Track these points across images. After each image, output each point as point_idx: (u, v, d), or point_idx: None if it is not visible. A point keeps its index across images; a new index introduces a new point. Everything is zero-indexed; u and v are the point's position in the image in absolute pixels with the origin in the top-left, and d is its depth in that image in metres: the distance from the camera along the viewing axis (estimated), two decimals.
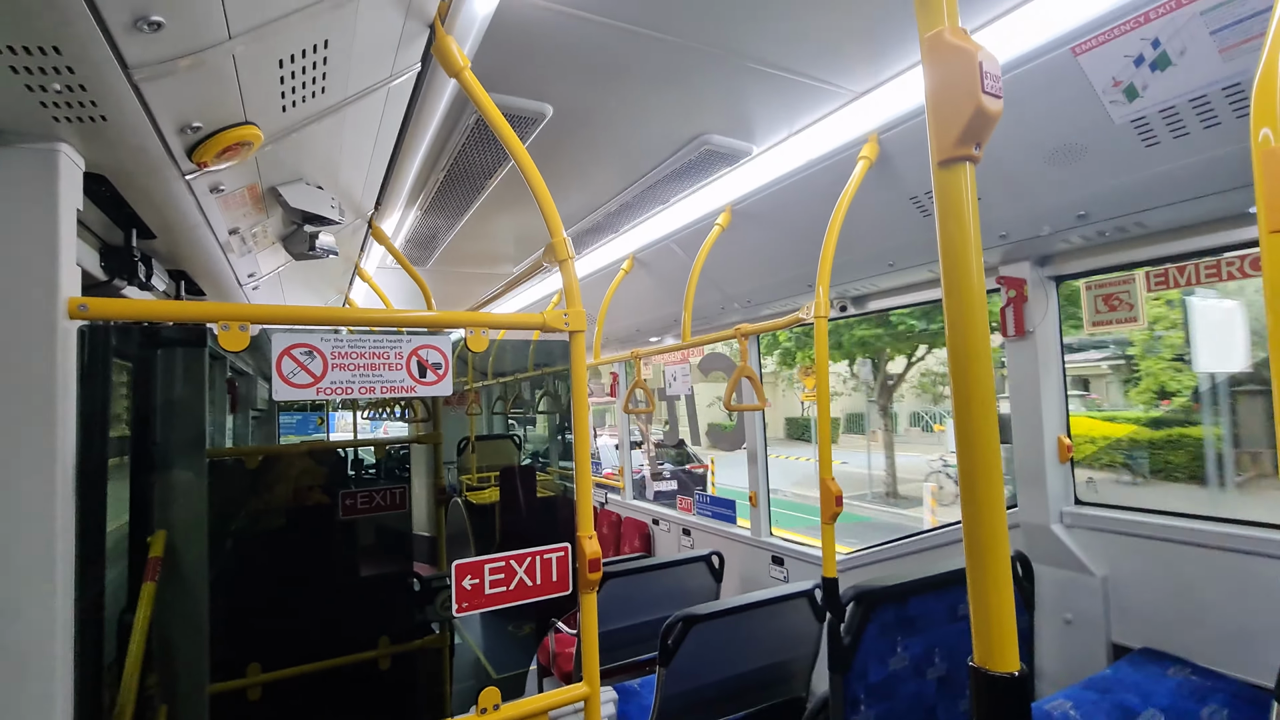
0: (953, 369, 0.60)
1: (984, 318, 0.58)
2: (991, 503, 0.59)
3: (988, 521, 0.59)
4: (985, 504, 0.59)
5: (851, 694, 1.68)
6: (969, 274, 0.59)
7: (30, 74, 0.79)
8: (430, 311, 1.88)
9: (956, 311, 0.59)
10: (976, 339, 0.58)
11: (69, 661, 0.94)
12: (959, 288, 0.59)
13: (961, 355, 0.59)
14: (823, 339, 2.05)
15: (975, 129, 0.58)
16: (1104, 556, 2.15)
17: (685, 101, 1.94)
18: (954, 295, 0.59)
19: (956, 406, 0.60)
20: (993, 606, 0.60)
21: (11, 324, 0.92)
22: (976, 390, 0.59)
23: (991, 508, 0.59)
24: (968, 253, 0.59)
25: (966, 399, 0.59)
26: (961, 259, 0.59)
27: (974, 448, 0.59)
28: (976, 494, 0.59)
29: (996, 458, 0.59)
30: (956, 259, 0.59)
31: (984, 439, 0.59)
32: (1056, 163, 1.82)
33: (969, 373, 0.59)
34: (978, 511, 0.59)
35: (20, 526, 0.90)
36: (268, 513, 2.77)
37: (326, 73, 1.16)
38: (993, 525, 0.59)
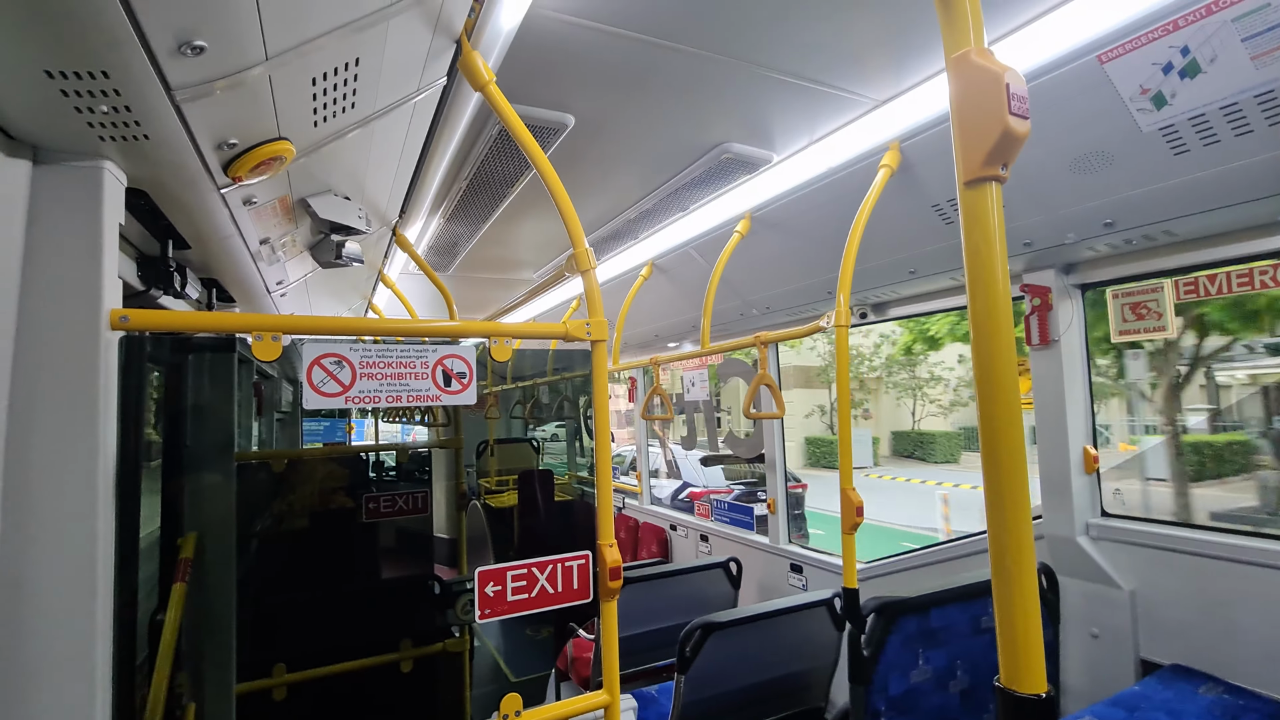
0: (979, 383, 0.60)
1: (1010, 333, 0.58)
2: (1018, 518, 0.59)
3: (1014, 538, 0.59)
4: (1011, 519, 0.59)
5: (872, 706, 1.67)
6: (995, 291, 0.59)
7: (79, 97, 0.82)
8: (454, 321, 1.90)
9: (982, 327, 0.59)
10: (1002, 355, 0.58)
11: (108, 662, 0.97)
12: (985, 304, 0.59)
13: (987, 371, 0.59)
14: (844, 347, 2.04)
15: (1002, 150, 0.58)
16: (1131, 570, 2.11)
17: (705, 110, 1.95)
18: (980, 311, 0.59)
19: (982, 420, 0.60)
20: (1019, 625, 0.59)
21: (58, 335, 0.95)
22: (1002, 406, 0.59)
23: (1018, 523, 0.59)
24: (994, 271, 0.59)
25: (992, 414, 0.59)
26: (988, 277, 0.59)
27: (999, 462, 0.59)
28: (1003, 509, 0.59)
29: (1023, 472, 0.59)
30: (983, 277, 0.59)
31: (1009, 454, 0.59)
32: (1082, 170, 1.79)
33: (994, 388, 0.59)
34: (1004, 527, 0.59)
35: (65, 533, 0.93)
36: (293, 515, 2.82)
37: (357, 89, 1.19)
38: (1019, 542, 0.59)
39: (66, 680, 0.92)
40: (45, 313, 0.94)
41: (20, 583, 0.90)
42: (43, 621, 0.91)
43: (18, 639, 0.90)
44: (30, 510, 0.92)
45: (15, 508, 0.91)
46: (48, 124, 0.89)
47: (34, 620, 0.91)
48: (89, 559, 0.94)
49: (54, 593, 0.92)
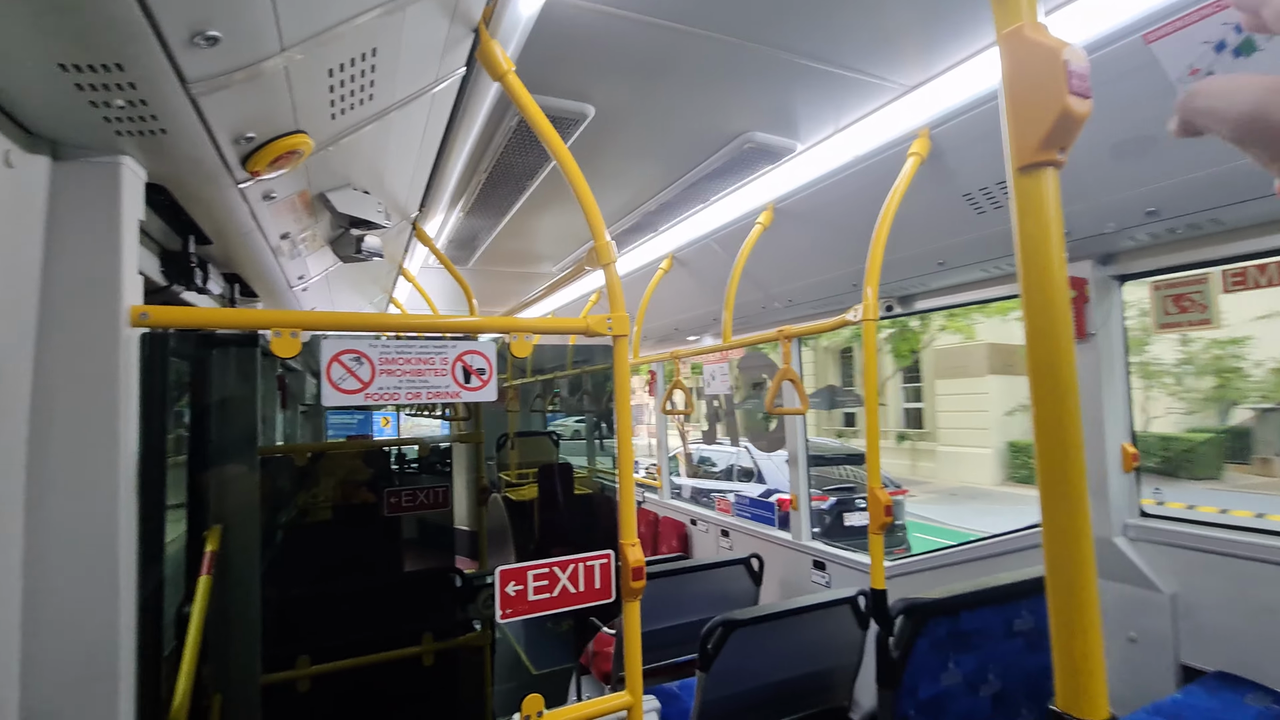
0: (1033, 381, 0.55)
1: (1068, 328, 0.54)
2: (1076, 526, 0.55)
3: (1072, 547, 0.55)
4: (1069, 527, 0.55)
5: (901, 710, 1.62)
6: (1052, 284, 0.55)
7: (95, 90, 0.81)
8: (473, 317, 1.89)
9: (1038, 322, 0.55)
10: (1060, 352, 0.54)
11: (132, 657, 0.97)
12: (1041, 298, 0.55)
13: (1043, 369, 0.55)
14: (871, 341, 1.98)
15: (1061, 132, 0.54)
16: (1172, 572, 2.03)
17: (728, 99, 1.90)
18: (1035, 306, 0.55)
19: (1037, 421, 0.56)
20: (1079, 643, 0.55)
21: (78, 332, 0.95)
22: (1061, 406, 0.54)
23: (1077, 530, 0.55)
24: (1050, 263, 0.55)
25: (1049, 414, 0.55)
26: (1043, 269, 0.55)
27: (1057, 465, 0.54)
28: (1059, 515, 0.55)
29: (1081, 477, 0.55)
30: (1038, 269, 0.55)
31: (1068, 456, 0.54)
32: (1124, 156, 1.71)
33: (1052, 387, 0.54)
34: (1061, 536, 0.55)
35: (87, 529, 0.93)
36: (316, 508, 2.85)
37: (374, 80, 1.17)
38: (1079, 551, 0.55)
39: (91, 675, 0.92)
40: (66, 309, 0.94)
41: (44, 579, 0.90)
42: (66, 617, 0.91)
43: (42, 634, 0.90)
44: (52, 507, 0.92)
45: (37, 504, 0.91)
46: (65, 119, 0.88)
47: (57, 616, 0.91)
48: (110, 555, 0.94)
49: (76, 589, 0.92)
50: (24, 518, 0.90)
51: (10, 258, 0.87)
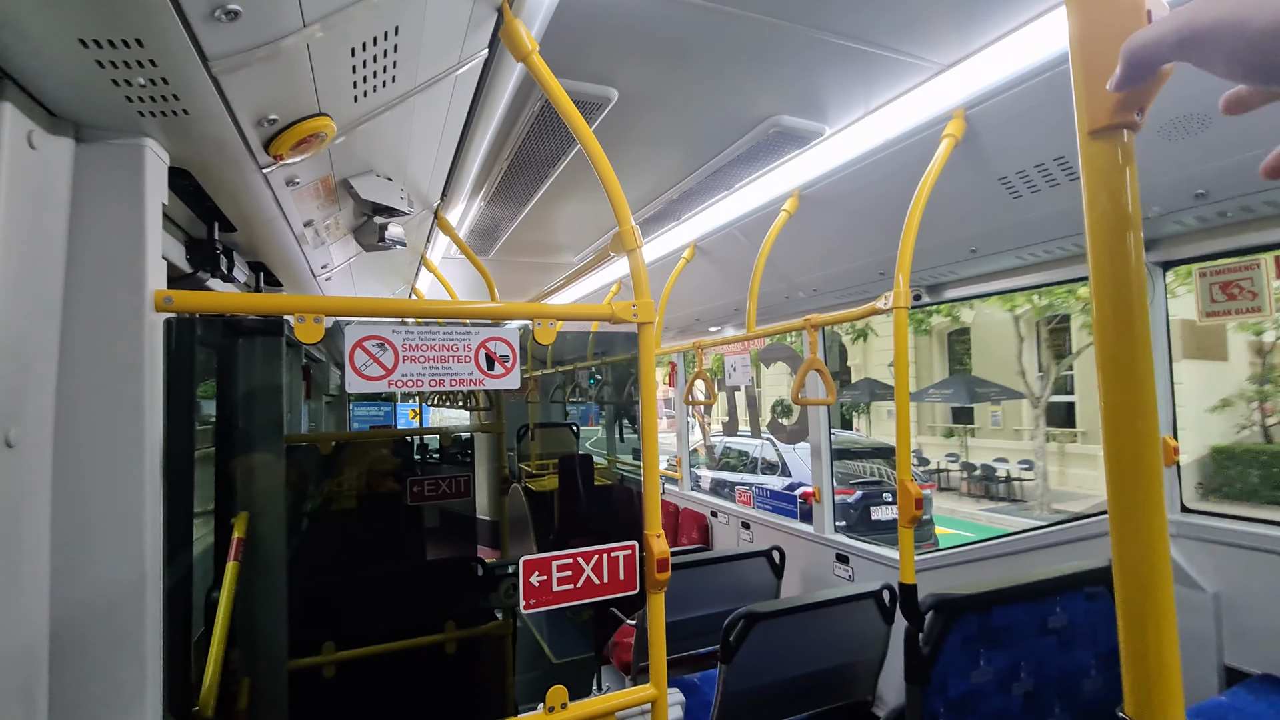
0: (1102, 372, 0.51)
1: (1144, 313, 0.50)
2: (1152, 520, 0.51)
3: (1146, 543, 0.50)
4: (1144, 521, 0.51)
5: (930, 708, 1.58)
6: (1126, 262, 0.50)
7: (115, 68, 0.80)
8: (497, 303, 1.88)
9: (1108, 305, 0.51)
10: (1135, 340, 0.50)
11: (159, 643, 0.97)
12: (1113, 278, 0.50)
13: (1114, 359, 0.51)
14: (902, 330, 1.93)
15: (1142, 90, 0.49)
16: (1215, 571, 1.95)
17: (755, 81, 1.85)
18: (1106, 283, 0.51)
19: (1106, 412, 0.51)
20: (1152, 645, 0.51)
21: (102, 317, 0.94)
22: (1135, 397, 0.50)
23: (1151, 527, 0.51)
24: (1125, 239, 0.50)
25: (1120, 405, 0.51)
26: (1118, 246, 0.50)
27: (1131, 459, 0.50)
28: (1134, 510, 0.51)
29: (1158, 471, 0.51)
30: (1111, 245, 0.50)
31: (1143, 449, 0.50)
32: (1172, 136, 1.63)
33: (1126, 379, 0.50)
34: (1134, 531, 0.51)
35: (113, 515, 0.93)
36: (340, 496, 2.87)
37: (397, 60, 1.15)
38: (1153, 548, 0.50)
39: (119, 661, 0.92)
40: (90, 293, 0.93)
41: (71, 563, 0.91)
42: (94, 603, 0.91)
43: (71, 621, 0.90)
44: (79, 492, 0.92)
45: (65, 490, 0.91)
46: (87, 99, 0.87)
47: (86, 602, 0.91)
48: (137, 540, 0.94)
49: (103, 575, 0.92)
50: (51, 502, 0.90)
51: (35, 240, 0.87)
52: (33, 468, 0.87)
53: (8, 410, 0.81)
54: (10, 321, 0.82)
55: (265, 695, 1.98)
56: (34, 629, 0.87)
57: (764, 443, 10.34)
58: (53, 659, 0.88)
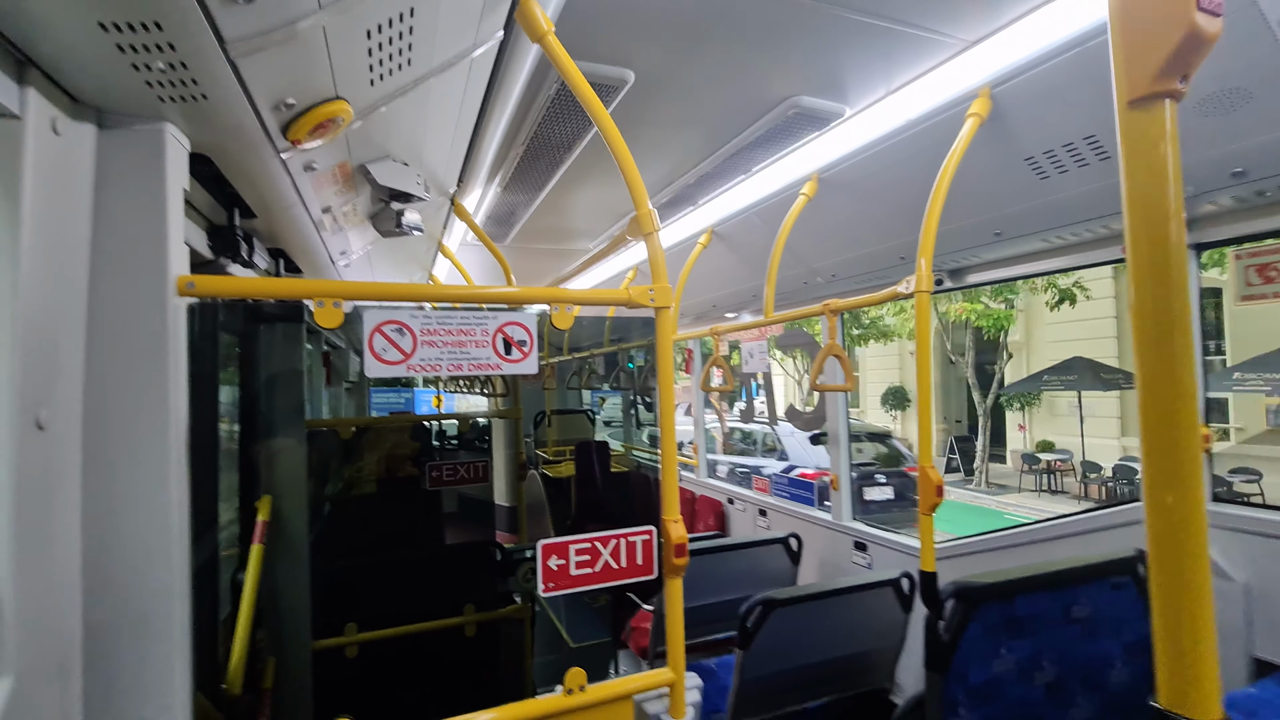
0: (1139, 350, 0.49)
1: (1184, 291, 0.48)
2: (1189, 508, 0.49)
3: (1183, 532, 0.49)
4: (1180, 511, 0.49)
5: (950, 696, 1.57)
6: (1166, 237, 0.48)
7: (135, 52, 0.80)
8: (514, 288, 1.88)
9: (1147, 282, 0.48)
10: (1174, 317, 0.48)
11: (186, 623, 1.00)
12: (1151, 254, 0.48)
13: (1152, 336, 0.49)
14: (925, 314, 1.90)
15: (1185, 56, 0.46)
16: (1246, 561, 1.91)
17: (774, 61, 1.82)
18: (1144, 263, 0.49)
19: (1144, 394, 0.50)
20: (1188, 636, 0.49)
21: (126, 301, 0.95)
22: (1173, 378, 0.48)
23: (1189, 515, 0.49)
24: (1165, 212, 0.48)
25: (1159, 386, 0.49)
26: (1156, 219, 0.48)
27: (1169, 444, 0.49)
28: (1170, 498, 0.49)
29: (1197, 457, 0.49)
30: (1150, 223, 0.48)
31: (1182, 434, 0.48)
32: (1210, 112, 1.57)
33: (1163, 357, 0.48)
34: (1171, 520, 0.49)
35: (140, 496, 0.95)
36: (360, 481, 2.92)
37: (412, 43, 1.14)
38: (1191, 537, 0.49)
39: (147, 640, 0.94)
40: (114, 277, 0.95)
41: (102, 546, 0.93)
42: (123, 583, 0.94)
43: (101, 601, 0.92)
44: (107, 474, 0.93)
45: (93, 472, 0.93)
46: (108, 84, 0.88)
47: (115, 582, 0.93)
48: (163, 522, 0.96)
49: (132, 555, 0.94)
50: (81, 484, 0.92)
51: (61, 225, 0.88)
52: (63, 450, 0.88)
53: (38, 393, 0.83)
54: (38, 305, 0.83)
55: (290, 674, 2.03)
56: (67, 608, 0.89)
57: (765, 428, 10.46)
58: (86, 637, 0.91)
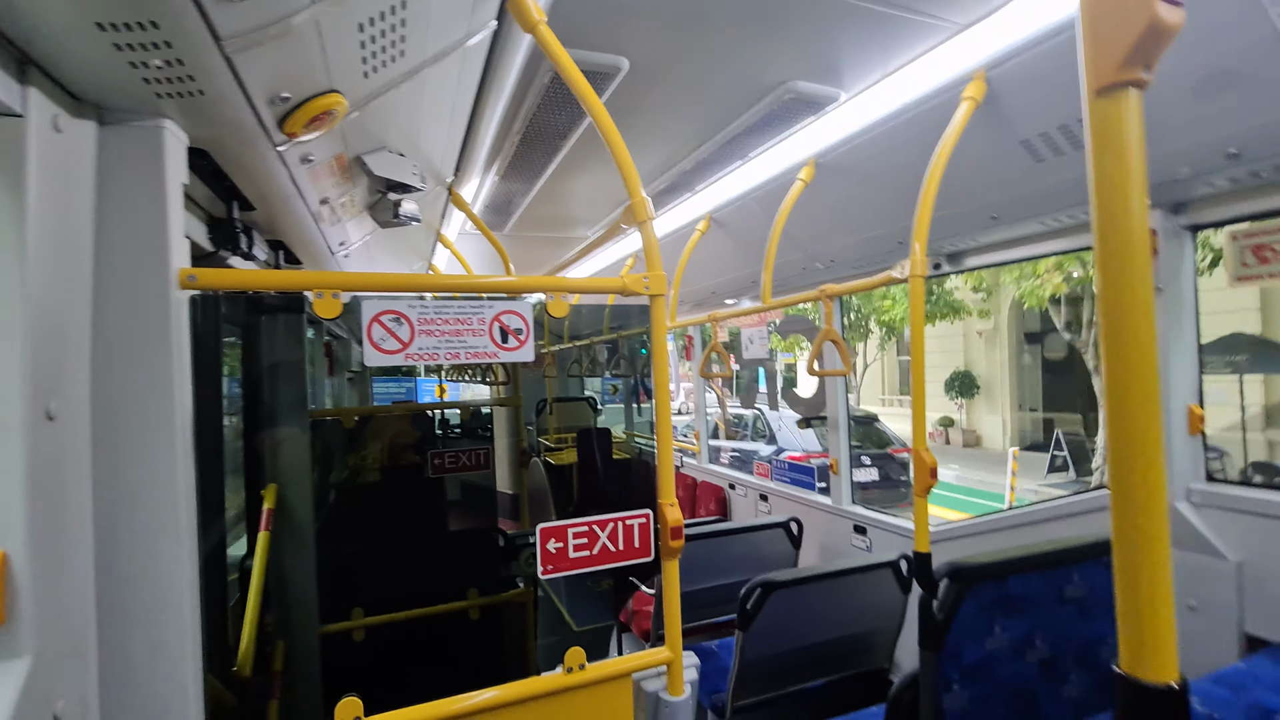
0: (1105, 333, 0.51)
1: (1147, 276, 0.49)
2: (1150, 484, 0.51)
3: (1143, 504, 0.51)
4: (1141, 485, 0.51)
5: (944, 673, 1.61)
6: (1129, 224, 0.50)
7: (132, 50, 0.81)
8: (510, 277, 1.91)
9: (1113, 267, 0.50)
10: (1136, 301, 0.50)
11: (196, 608, 1.03)
12: (1117, 240, 0.50)
13: (1116, 319, 0.51)
14: (919, 299, 1.91)
15: (1147, 46, 0.48)
16: (1239, 540, 1.93)
17: (767, 46, 1.82)
18: (1111, 248, 0.50)
19: (1109, 374, 0.51)
20: (1146, 603, 0.52)
21: (130, 294, 0.98)
22: (1134, 360, 0.50)
23: (1149, 485, 0.51)
24: (1129, 199, 0.49)
25: (1122, 367, 0.51)
26: (1121, 206, 0.50)
27: (1130, 420, 0.51)
28: (1131, 473, 0.51)
29: (1157, 433, 0.51)
30: (1115, 206, 0.50)
31: (1142, 410, 0.50)
32: (1204, 94, 1.57)
33: (1126, 340, 0.50)
34: (1131, 493, 0.51)
35: (149, 485, 0.98)
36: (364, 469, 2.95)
37: (405, 35, 1.15)
38: (1149, 509, 0.51)
39: (161, 620, 0.98)
40: (118, 271, 0.97)
41: (113, 531, 0.95)
42: (134, 568, 0.97)
43: (113, 584, 0.95)
44: (116, 462, 0.96)
45: (102, 461, 0.95)
46: (107, 81, 0.89)
47: (126, 567, 0.96)
48: (171, 508, 0.98)
49: (142, 541, 0.97)
50: (91, 472, 0.95)
51: (65, 221, 0.90)
52: (73, 439, 0.91)
53: (47, 384, 0.85)
54: (46, 299, 0.85)
55: (299, 657, 2.07)
56: (81, 591, 0.92)
57: (755, 412, 10.62)
58: (100, 619, 0.94)
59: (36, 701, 0.79)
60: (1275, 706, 1.56)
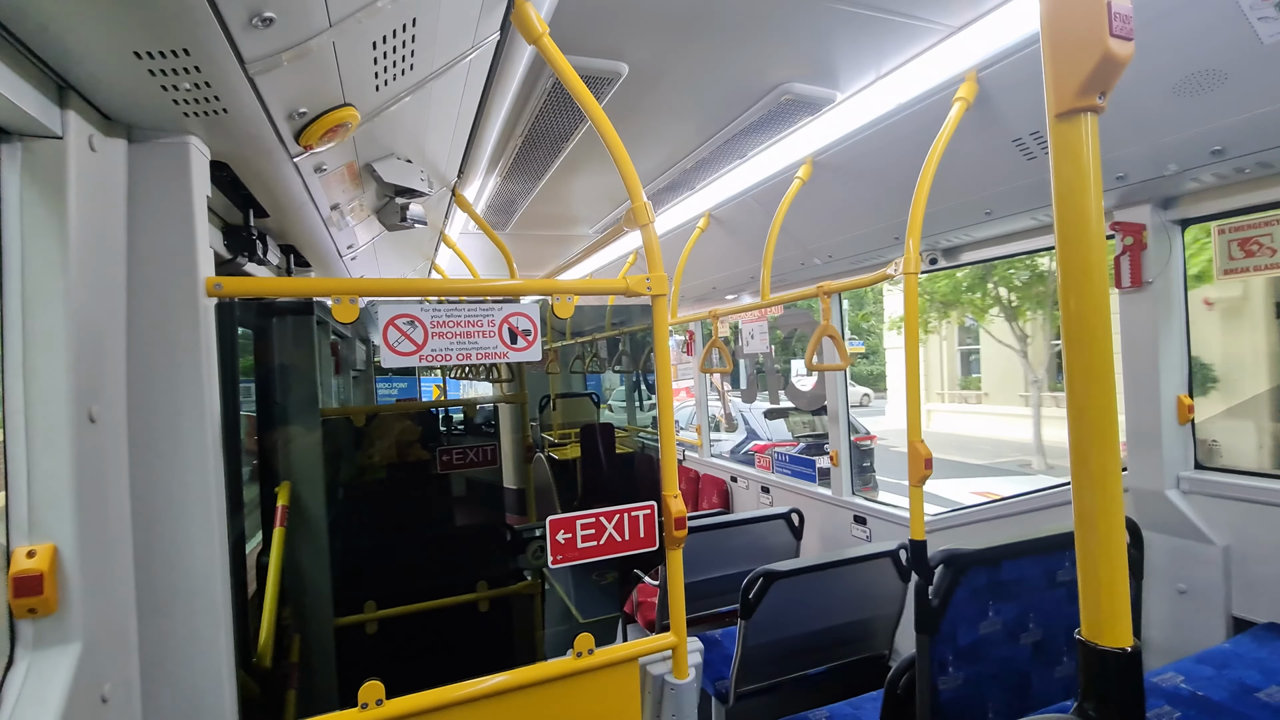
0: (1066, 331, 0.56)
1: (1103, 280, 0.55)
2: (1105, 464, 0.56)
3: (1100, 484, 0.56)
4: (1098, 466, 0.56)
5: (939, 656, 1.67)
6: (1088, 233, 0.55)
7: (165, 75, 0.87)
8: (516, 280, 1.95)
9: (1073, 273, 0.56)
10: (1094, 302, 0.55)
11: (228, 594, 1.09)
12: (1077, 249, 0.55)
13: (1076, 319, 0.56)
14: (913, 295, 1.96)
15: (1101, 77, 0.53)
16: (1227, 525, 1.99)
17: (764, 50, 1.86)
18: (1071, 256, 0.56)
19: (1069, 369, 0.57)
20: (1104, 575, 0.57)
21: (161, 303, 1.03)
22: (1093, 355, 0.55)
23: (1105, 469, 0.56)
24: (1087, 213, 0.55)
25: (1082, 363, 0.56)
26: (1080, 219, 0.55)
27: (1088, 411, 0.56)
28: (1089, 456, 0.56)
29: (1114, 423, 0.56)
30: (1075, 219, 0.55)
31: (1100, 402, 0.56)
32: (1188, 92, 1.62)
33: (1085, 337, 0.55)
34: (1089, 473, 0.56)
35: (186, 481, 1.04)
36: (374, 466, 3.02)
37: (415, 50, 1.20)
38: (1105, 488, 0.56)
39: (196, 609, 1.04)
40: (150, 282, 1.02)
41: (150, 527, 1.01)
42: (171, 562, 1.03)
43: (152, 577, 1.01)
44: (152, 462, 1.02)
45: (139, 460, 1.01)
46: (140, 103, 0.94)
47: (164, 561, 1.02)
48: (204, 504, 1.04)
49: (177, 536, 1.03)
50: (129, 472, 1.00)
51: (101, 234, 0.96)
52: (113, 440, 0.97)
53: (90, 389, 0.91)
54: (85, 308, 0.91)
55: (315, 649, 2.14)
56: (122, 583, 0.98)
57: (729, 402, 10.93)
58: (140, 610, 1.00)
59: (88, 684, 0.85)
60: (1256, 683, 1.62)
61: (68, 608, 0.85)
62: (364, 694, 1.14)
